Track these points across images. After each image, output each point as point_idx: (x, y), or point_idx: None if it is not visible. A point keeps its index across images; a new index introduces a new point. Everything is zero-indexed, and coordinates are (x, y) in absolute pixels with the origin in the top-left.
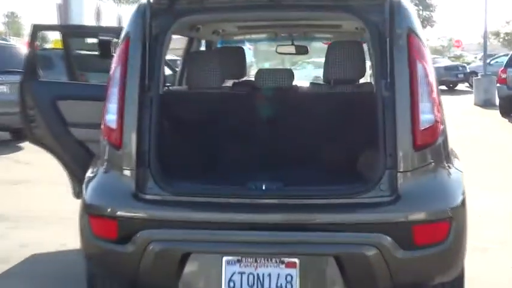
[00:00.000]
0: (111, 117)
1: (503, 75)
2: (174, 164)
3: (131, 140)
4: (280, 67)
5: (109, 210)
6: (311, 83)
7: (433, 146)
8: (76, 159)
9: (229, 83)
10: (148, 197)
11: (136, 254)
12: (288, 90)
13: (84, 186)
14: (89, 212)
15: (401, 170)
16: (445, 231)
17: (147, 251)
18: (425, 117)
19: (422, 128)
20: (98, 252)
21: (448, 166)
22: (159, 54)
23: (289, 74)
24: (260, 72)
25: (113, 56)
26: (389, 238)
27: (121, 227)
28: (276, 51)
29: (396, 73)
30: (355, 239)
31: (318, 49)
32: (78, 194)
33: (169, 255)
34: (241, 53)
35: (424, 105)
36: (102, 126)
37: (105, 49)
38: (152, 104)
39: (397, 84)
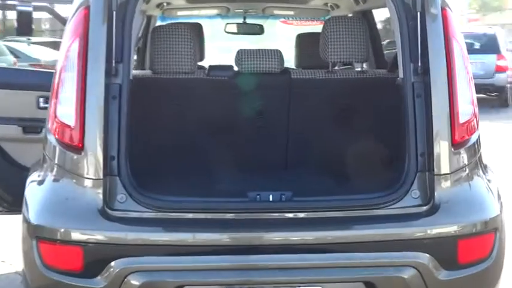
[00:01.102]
0: (65, 111)
1: None
2: (150, 171)
3: (96, 140)
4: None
5: (69, 233)
6: (304, 68)
7: (470, 143)
8: None
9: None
10: (120, 214)
11: None
12: (279, 76)
13: (25, 200)
14: (38, 236)
15: (438, 173)
16: (491, 245)
17: (126, 285)
18: (465, 108)
19: (462, 121)
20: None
21: (484, 167)
22: (127, 28)
23: (278, 54)
24: (241, 54)
25: (32, 30)
26: (429, 256)
27: (87, 255)
28: (225, 31)
29: (431, 55)
30: (390, 260)
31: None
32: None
33: None
34: (200, 30)
35: (463, 94)
36: (50, 122)
37: (25, 23)
38: (121, 93)
39: (433, 67)
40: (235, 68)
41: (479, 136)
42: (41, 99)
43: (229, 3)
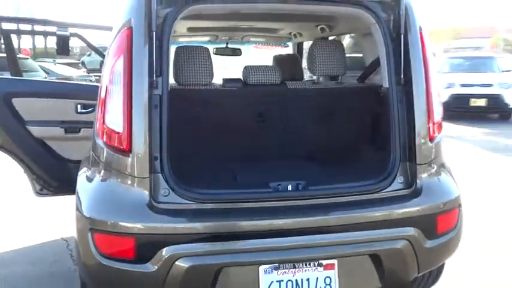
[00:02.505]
0: (113, 119)
1: None
2: (187, 168)
3: (142, 144)
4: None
5: (122, 225)
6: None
7: (439, 139)
8: (36, 158)
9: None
10: (165, 206)
11: (160, 274)
12: (279, 86)
13: (78, 195)
14: (93, 228)
15: (419, 162)
16: (457, 217)
17: (174, 269)
18: (438, 110)
19: (436, 121)
20: (107, 273)
21: (443, 157)
22: (165, 46)
23: (277, 70)
24: (248, 70)
25: (69, 51)
26: (417, 229)
27: (139, 244)
28: (214, 53)
29: (414, 68)
30: (389, 235)
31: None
32: (39, 191)
33: (201, 272)
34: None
35: (436, 99)
36: (99, 128)
37: (63, 45)
38: (161, 103)
39: (415, 78)
40: (243, 80)
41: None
42: (79, 106)
43: (218, 32)
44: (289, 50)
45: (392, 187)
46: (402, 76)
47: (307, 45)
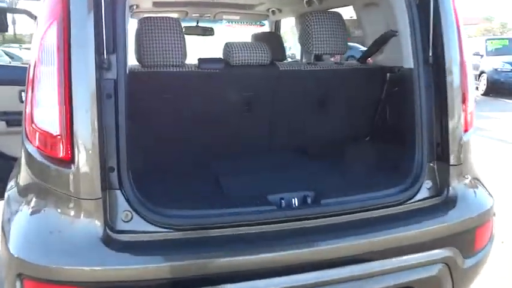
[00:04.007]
0: (45, 115)
1: None
2: (156, 180)
3: (90, 149)
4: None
5: (64, 270)
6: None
7: (471, 135)
8: None
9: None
10: (129, 237)
11: None
12: (269, 68)
13: (2, 224)
14: (23, 274)
15: (453, 163)
16: (492, 229)
17: None
18: (472, 97)
19: (470, 111)
20: None
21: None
22: (121, 11)
23: (266, 48)
24: (230, 47)
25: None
26: (455, 249)
27: None
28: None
29: (446, 43)
30: (425, 259)
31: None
32: None
33: None
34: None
35: (472, 84)
36: (27, 129)
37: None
38: (117, 91)
39: (448, 56)
40: (225, 60)
41: None
42: (23, 94)
43: (188, 8)
44: (264, 29)
45: (420, 195)
46: (431, 53)
47: (286, 23)
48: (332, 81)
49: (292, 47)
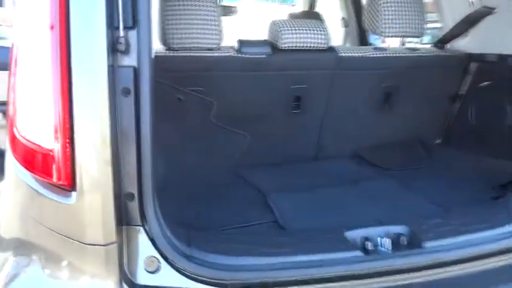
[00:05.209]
0: (31, 118)
1: None
2: (188, 206)
3: (97, 169)
4: None
5: None
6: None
7: None
8: None
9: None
10: None
11: None
12: (326, 53)
13: None
14: None
15: None
16: None
17: None
18: None
19: None
20: None
21: None
22: None
23: (324, 28)
24: (279, 26)
25: None
26: None
27: None
28: None
29: None
30: None
31: None
32: None
33: None
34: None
35: None
36: (9, 138)
37: None
38: (139, 83)
39: None
40: (272, 43)
41: None
42: None
43: None
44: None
45: None
46: None
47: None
48: (403, 70)
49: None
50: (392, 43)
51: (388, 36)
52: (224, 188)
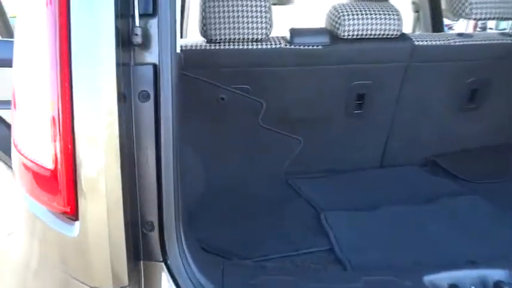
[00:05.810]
0: (28, 130)
1: None
2: (222, 234)
3: (108, 194)
4: None
5: None
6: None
7: None
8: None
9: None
10: None
11: None
12: (399, 42)
13: None
14: None
15: None
16: None
17: None
18: None
19: None
20: None
21: None
22: None
23: (396, 11)
24: (340, 11)
25: None
26: None
27: None
28: None
29: None
30: None
31: None
32: None
33: None
34: None
35: None
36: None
37: None
38: (160, 86)
39: None
40: (332, 31)
41: None
42: None
43: None
44: None
45: None
46: None
47: None
48: (495, 61)
49: None
50: (462, 29)
51: (477, 19)
52: (270, 202)
